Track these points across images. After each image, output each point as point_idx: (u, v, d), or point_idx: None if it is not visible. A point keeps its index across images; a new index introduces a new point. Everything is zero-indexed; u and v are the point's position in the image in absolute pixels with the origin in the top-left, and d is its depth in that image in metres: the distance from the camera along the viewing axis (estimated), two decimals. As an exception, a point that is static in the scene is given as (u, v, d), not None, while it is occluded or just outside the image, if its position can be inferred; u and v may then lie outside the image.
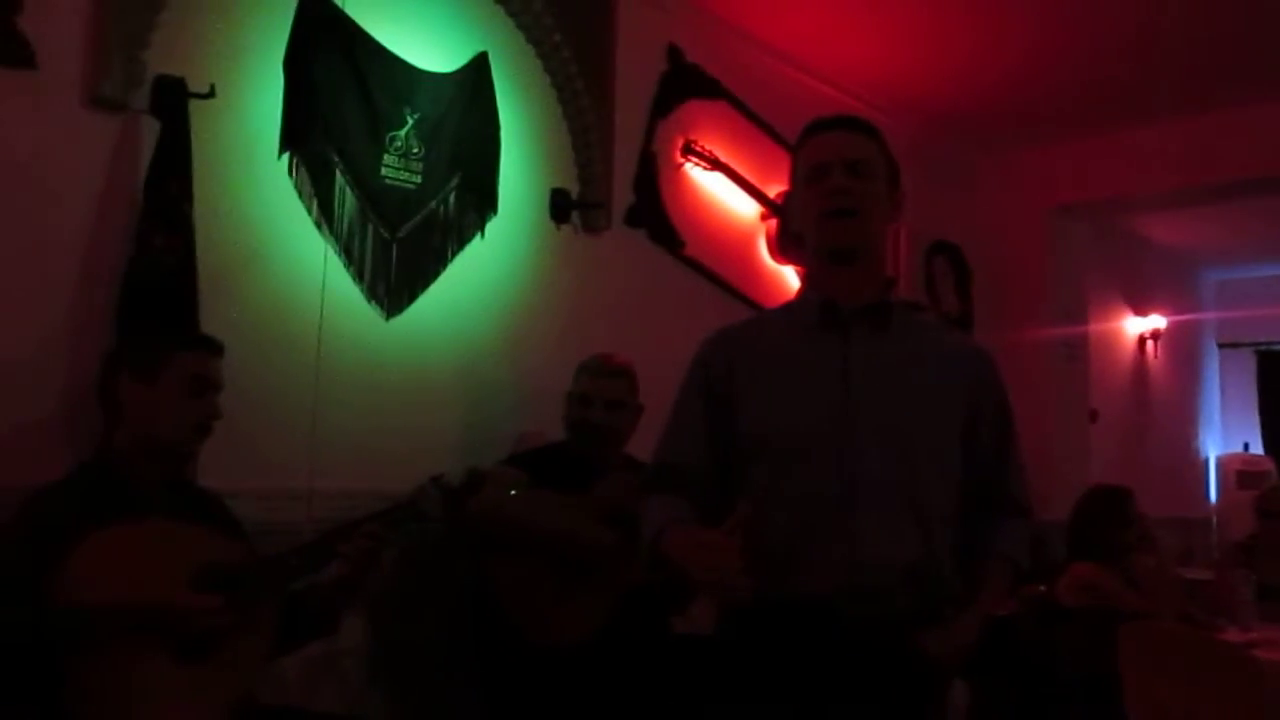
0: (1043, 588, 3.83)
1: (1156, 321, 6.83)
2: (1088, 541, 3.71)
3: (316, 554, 2.09)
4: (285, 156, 2.66)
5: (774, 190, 4.02)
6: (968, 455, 1.75)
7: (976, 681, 3.19)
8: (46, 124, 2.31)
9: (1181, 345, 7.22)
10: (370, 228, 2.83)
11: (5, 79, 2.24)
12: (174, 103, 2.40)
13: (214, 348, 2.14)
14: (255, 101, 2.63)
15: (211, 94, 2.45)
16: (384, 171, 2.84)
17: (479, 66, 3.09)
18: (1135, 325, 6.78)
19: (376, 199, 2.83)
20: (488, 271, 3.12)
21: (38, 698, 1.75)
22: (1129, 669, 3.11)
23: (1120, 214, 5.95)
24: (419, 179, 2.92)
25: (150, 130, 2.40)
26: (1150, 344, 6.81)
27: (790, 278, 4.12)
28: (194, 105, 2.42)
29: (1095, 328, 5.81)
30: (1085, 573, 3.61)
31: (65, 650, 1.74)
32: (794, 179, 1.83)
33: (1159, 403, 6.90)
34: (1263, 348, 7.52)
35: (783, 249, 4.07)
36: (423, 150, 2.92)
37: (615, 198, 3.50)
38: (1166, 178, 4.99)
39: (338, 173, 2.74)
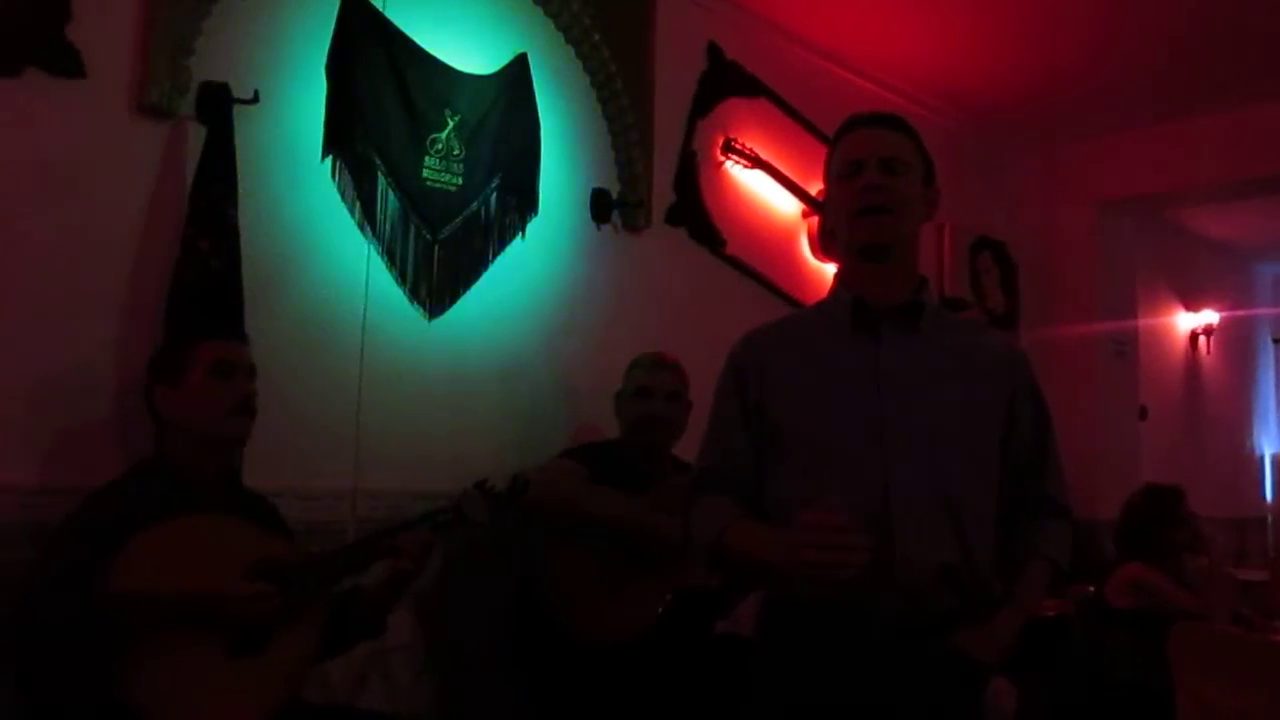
0: (1091, 588, 3.78)
1: (1209, 317, 6.69)
2: (1138, 541, 3.64)
3: (364, 554, 2.12)
4: (328, 160, 2.69)
5: (815, 188, 3.99)
6: (1005, 456, 1.74)
7: (1025, 683, 3.15)
8: (96, 131, 2.35)
9: (1235, 341, 7.07)
10: (412, 229, 2.85)
11: (56, 88, 2.28)
12: (219, 108, 2.43)
13: (231, 333, 2.17)
14: (298, 106, 2.66)
15: (255, 99, 2.48)
16: (425, 174, 2.86)
17: (519, 68, 3.11)
18: (1187, 321, 6.65)
19: (418, 201, 2.85)
20: (529, 272, 3.13)
21: (93, 690, 1.79)
22: (1181, 671, 3.06)
23: (1170, 208, 5.84)
24: (460, 180, 2.94)
25: (196, 136, 2.44)
26: (1203, 340, 6.68)
27: (831, 275, 4.09)
28: (238, 110, 2.45)
29: (1145, 323, 5.71)
30: (1136, 573, 3.56)
31: (117, 638, 1.77)
32: (829, 175, 1.82)
33: (1212, 400, 6.77)
34: (1320, 343, 7.36)
35: (824, 247, 4.05)
36: (463, 152, 2.94)
37: (655, 197, 3.50)
38: (1217, 171, 4.89)
39: (380, 175, 2.77)
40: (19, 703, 1.96)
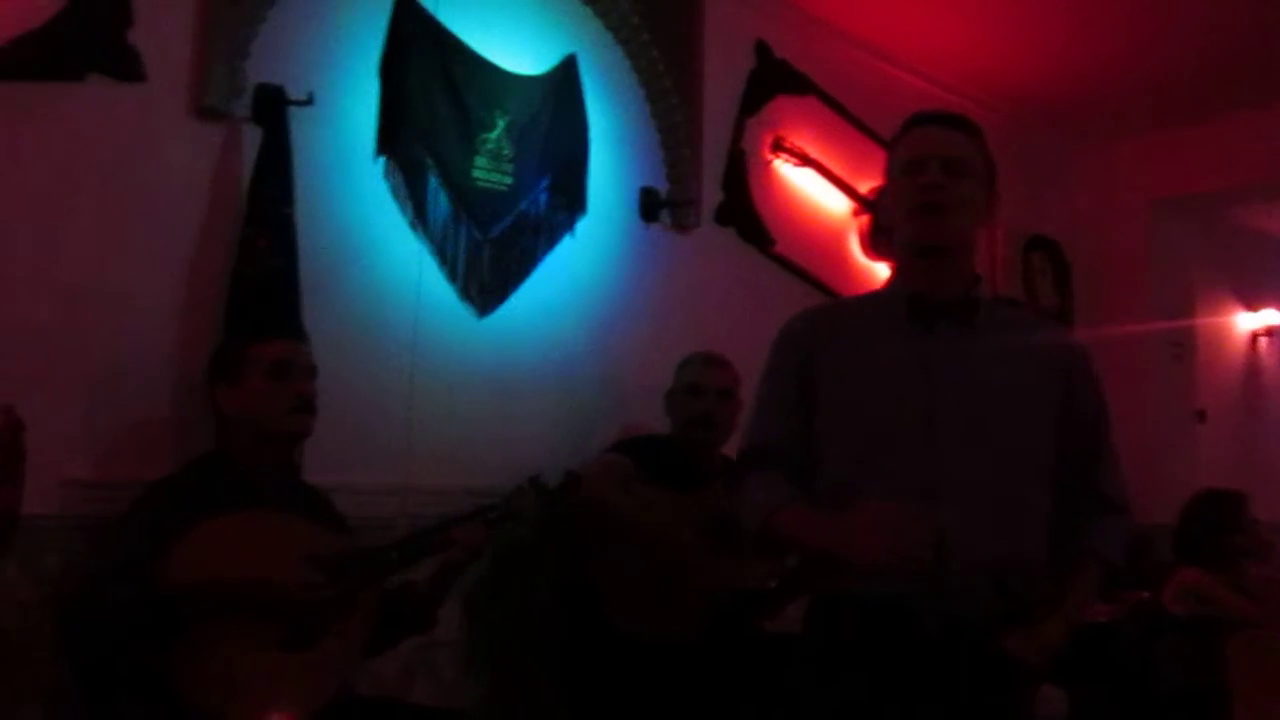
0: (1147, 594, 3.71)
1: (1270, 317, 6.53)
2: (1197, 547, 3.57)
3: (417, 548, 2.14)
4: (380, 160, 2.72)
5: (866, 186, 3.96)
6: (1061, 451, 1.71)
7: (1076, 690, 3.10)
8: (155, 134, 2.40)
9: (1298, 342, 6.89)
10: (463, 228, 2.87)
11: (118, 92, 2.33)
12: (274, 110, 2.47)
13: (290, 333, 2.21)
14: (351, 107, 2.70)
15: (310, 101, 2.52)
16: (476, 173, 2.89)
17: (568, 68, 3.12)
18: (1247, 321, 6.50)
19: (469, 200, 2.87)
20: (578, 270, 3.15)
21: (148, 680, 1.82)
22: (1239, 681, 3.00)
23: (1229, 205, 5.71)
24: (510, 180, 2.96)
25: (252, 137, 2.48)
26: (1264, 340, 6.52)
27: (883, 274, 4.06)
28: (293, 112, 2.49)
29: (1203, 324, 5.59)
30: (1193, 579, 3.49)
31: (173, 627, 1.81)
32: (889, 171, 1.81)
33: (1273, 402, 6.60)
34: (1387, 344, 7.14)
35: (876, 245, 4.01)
36: (513, 152, 2.96)
37: (704, 196, 3.50)
38: (1278, 166, 4.77)
39: (431, 175, 2.80)
40: (78, 691, 2.01)
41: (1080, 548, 1.75)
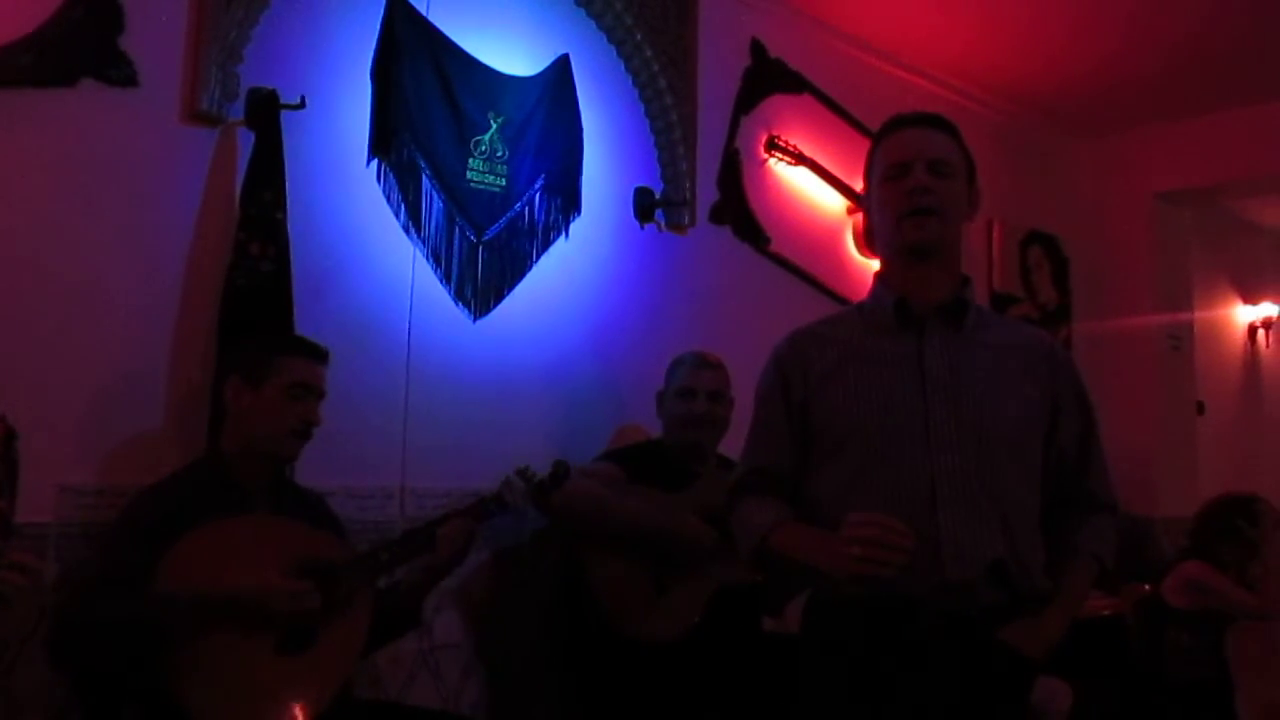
0: (1148, 586, 3.71)
1: (1269, 309, 6.53)
2: (1212, 547, 3.54)
3: (405, 549, 2.14)
4: (374, 163, 2.72)
5: (860, 184, 3.94)
6: (1049, 451, 1.74)
7: (1080, 682, 3.10)
8: (147, 139, 2.40)
9: (1296, 334, 6.89)
10: (457, 231, 2.87)
11: (110, 97, 2.34)
12: (267, 114, 2.47)
13: (319, 355, 2.20)
14: (344, 111, 2.70)
15: (302, 104, 2.52)
16: (470, 175, 2.89)
17: (561, 69, 3.12)
18: (1245, 314, 6.49)
19: (463, 202, 2.87)
20: (573, 272, 3.14)
21: (143, 687, 1.82)
22: (1240, 671, 3.00)
23: (1228, 198, 5.71)
24: (504, 182, 2.96)
25: (244, 141, 2.48)
26: (1262, 333, 6.52)
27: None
28: (286, 116, 2.49)
29: (1201, 317, 5.59)
30: (1194, 572, 3.49)
31: (165, 638, 1.81)
32: (870, 175, 1.81)
33: (1272, 394, 6.60)
34: (1386, 336, 7.13)
35: (870, 243, 4.01)
36: (507, 153, 2.96)
37: (699, 195, 3.49)
38: (1277, 159, 4.76)
39: (425, 178, 2.80)
40: (78, 702, 2.01)
41: (1073, 547, 1.76)
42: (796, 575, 1.81)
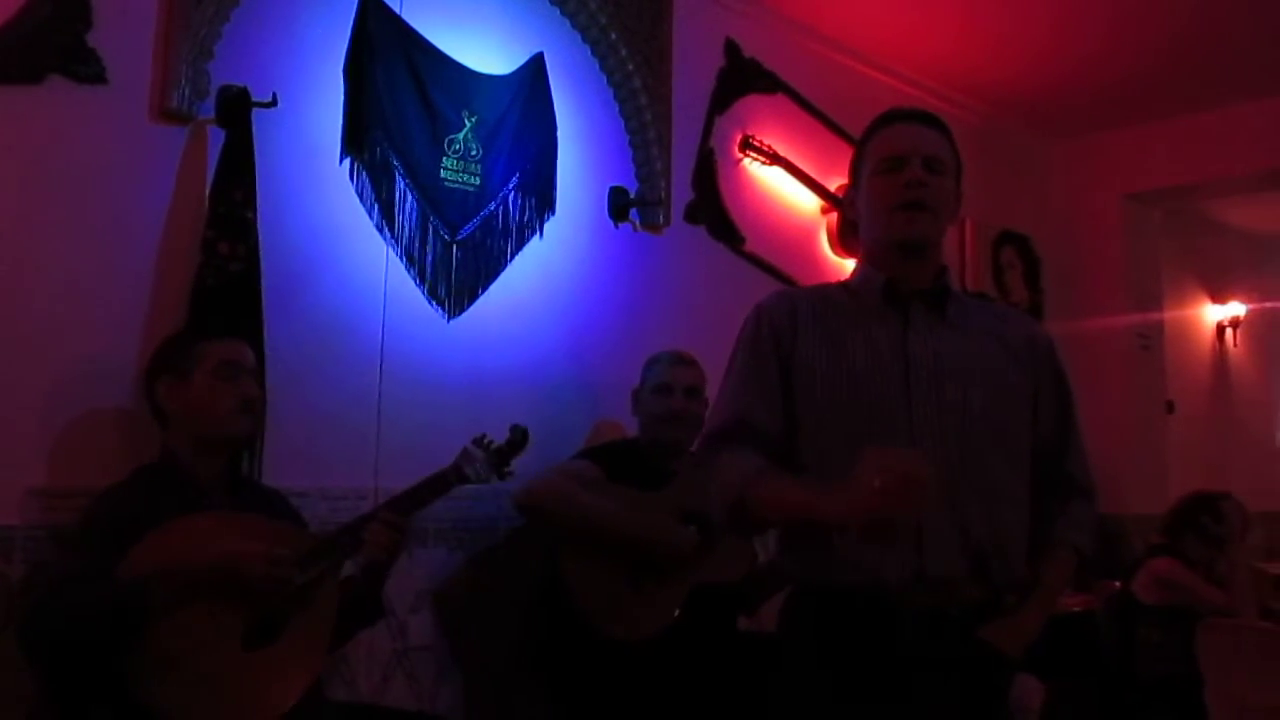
0: (1119, 583, 3.75)
1: (1236, 309, 6.61)
2: (1182, 543, 3.59)
3: (352, 534, 2.11)
4: (346, 162, 2.70)
5: (835, 184, 3.97)
6: (1033, 436, 1.73)
7: (1052, 680, 3.13)
8: (117, 136, 2.37)
9: (1264, 333, 6.97)
10: (431, 230, 2.86)
11: (78, 94, 2.31)
12: (238, 112, 2.45)
13: (239, 334, 2.18)
14: (317, 109, 2.68)
15: (274, 102, 2.49)
16: (444, 174, 2.87)
17: (535, 68, 3.11)
18: (1214, 313, 6.58)
19: (437, 202, 2.86)
20: (548, 271, 3.13)
21: (110, 688, 1.80)
22: (1210, 667, 3.03)
23: (1197, 199, 5.77)
24: (478, 181, 2.94)
25: (215, 140, 2.46)
26: (1230, 332, 6.60)
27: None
28: (257, 114, 2.47)
29: (1171, 316, 5.65)
30: (1164, 569, 3.52)
31: (135, 624, 1.78)
32: (858, 167, 1.80)
33: (1240, 393, 6.68)
34: (1352, 335, 7.23)
35: (845, 241, 4.03)
36: (481, 152, 2.95)
37: (674, 195, 3.49)
38: (1245, 161, 4.82)
39: (398, 176, 2.78)
40: (46, 703, 1.98)
41: (1051, 535, 1.76)
42: (784, 529, 1.74)
